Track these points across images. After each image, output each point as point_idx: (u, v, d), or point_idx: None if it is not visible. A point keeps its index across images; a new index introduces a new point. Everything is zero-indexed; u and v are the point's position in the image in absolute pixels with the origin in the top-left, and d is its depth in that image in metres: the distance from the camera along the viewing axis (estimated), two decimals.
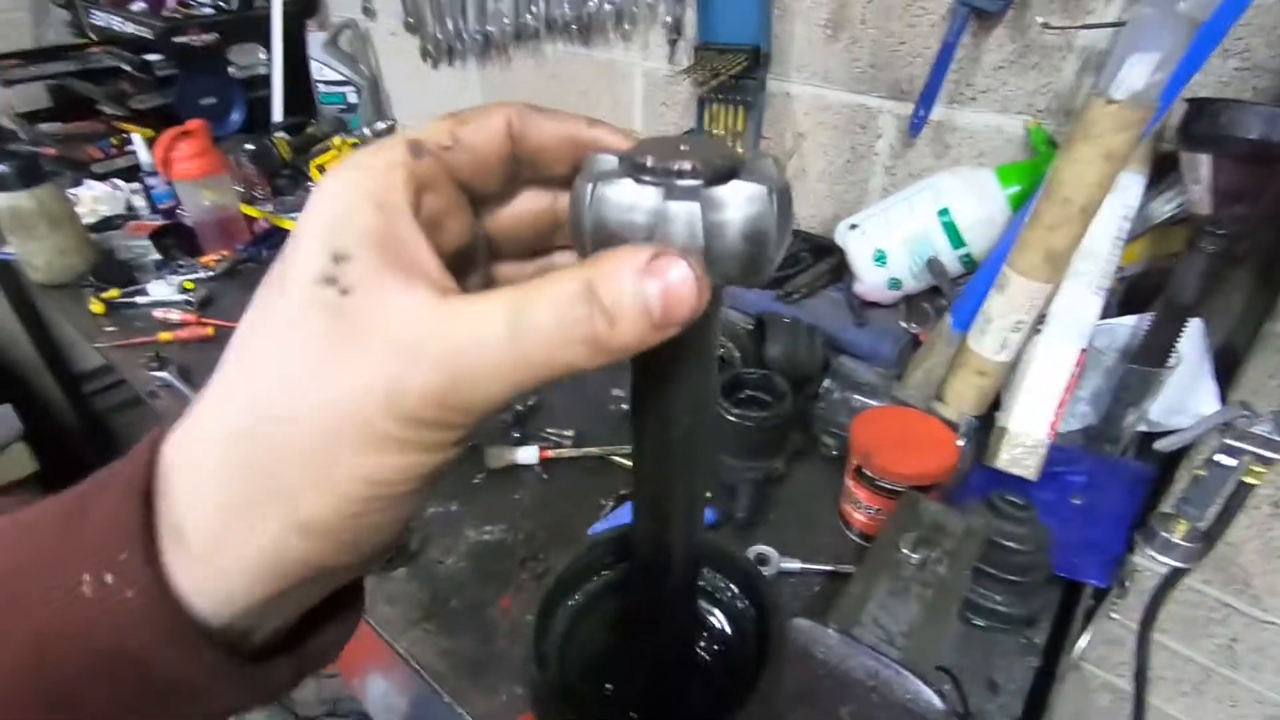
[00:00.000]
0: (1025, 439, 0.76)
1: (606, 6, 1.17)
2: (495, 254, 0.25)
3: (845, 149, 1.06)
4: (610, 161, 0.19)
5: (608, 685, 0.31)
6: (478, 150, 0.21)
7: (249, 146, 1.53)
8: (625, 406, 0.92)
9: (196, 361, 1.05)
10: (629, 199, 0.17)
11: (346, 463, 0.17)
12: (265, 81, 1.76)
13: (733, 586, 0.31)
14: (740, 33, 1.02)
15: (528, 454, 0.84)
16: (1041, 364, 0.78)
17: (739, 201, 0.17)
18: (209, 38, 1.65)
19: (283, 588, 0.18)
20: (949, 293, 0.89)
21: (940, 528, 0.58)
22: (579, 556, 0.30)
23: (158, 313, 1.15)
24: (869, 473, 0.70)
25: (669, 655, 0.29)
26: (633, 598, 0.27)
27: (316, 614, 0.22)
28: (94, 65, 1.65)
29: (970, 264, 0.90)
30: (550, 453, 0.84)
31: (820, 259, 1.04)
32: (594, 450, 0.85)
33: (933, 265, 0.90)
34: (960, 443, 0.79)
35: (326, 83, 1.78)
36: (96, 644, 0.17)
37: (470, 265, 0.24)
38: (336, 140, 1.58)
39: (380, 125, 1.74)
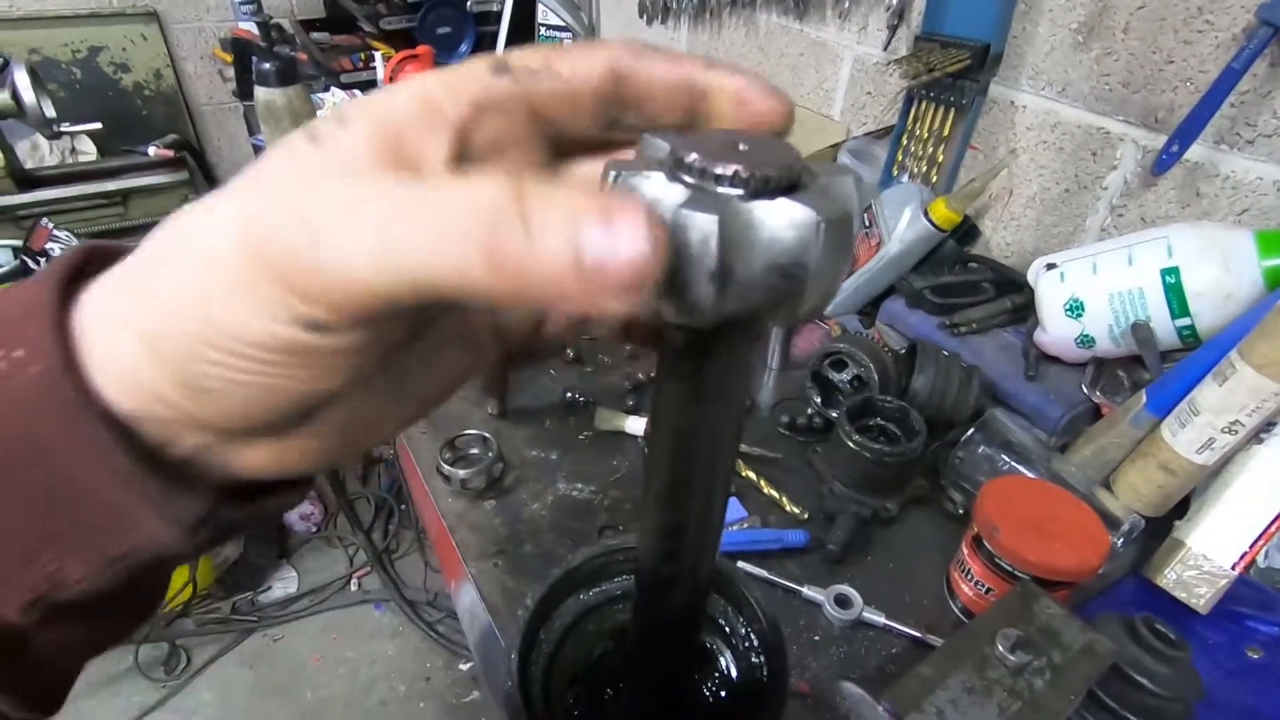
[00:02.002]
0: (1205, 563, 0.63)
1: None
2: None
3: (1067, 176, 0.92)
4: (659, 148, 0.16)
5: (606, 691, 0.30)
6: (568, 82, 0.18)
7: None
8: (747, 403, 0.89)
9: None
10: (652, 196, 0.15)
11: (202, 302, 0.16)
12: (496, 18, 1.87)
13: (752, 635, 0.28)
14: (971, 26, 0.91)
15: (636, 424, 0.83)
16: (1253, 480, 0.64)
17: (776, 225, 0.14)
18: None
19: (138, 408, 0.17)
20: (1153, 367, 0.75)
21: (1053, 635, 0.50)
22: (592, 555, 0.29)
23: None
24: (990, 547, 0.61)
25: (661, 683, 0.27)
26: (633, 613, 0.25)
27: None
28: None
29: (1190, 340, 0.75)
30: None
31: (1003, 294, 0.92)
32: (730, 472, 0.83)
33: (1139, 331, 0.76)
34: (1117, 542, 0.67)
35: (548, 26, 1.85)
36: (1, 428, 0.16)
37: None
38: None
39: None
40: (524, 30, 1.88)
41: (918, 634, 0.63)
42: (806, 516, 0.74)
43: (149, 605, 0.23)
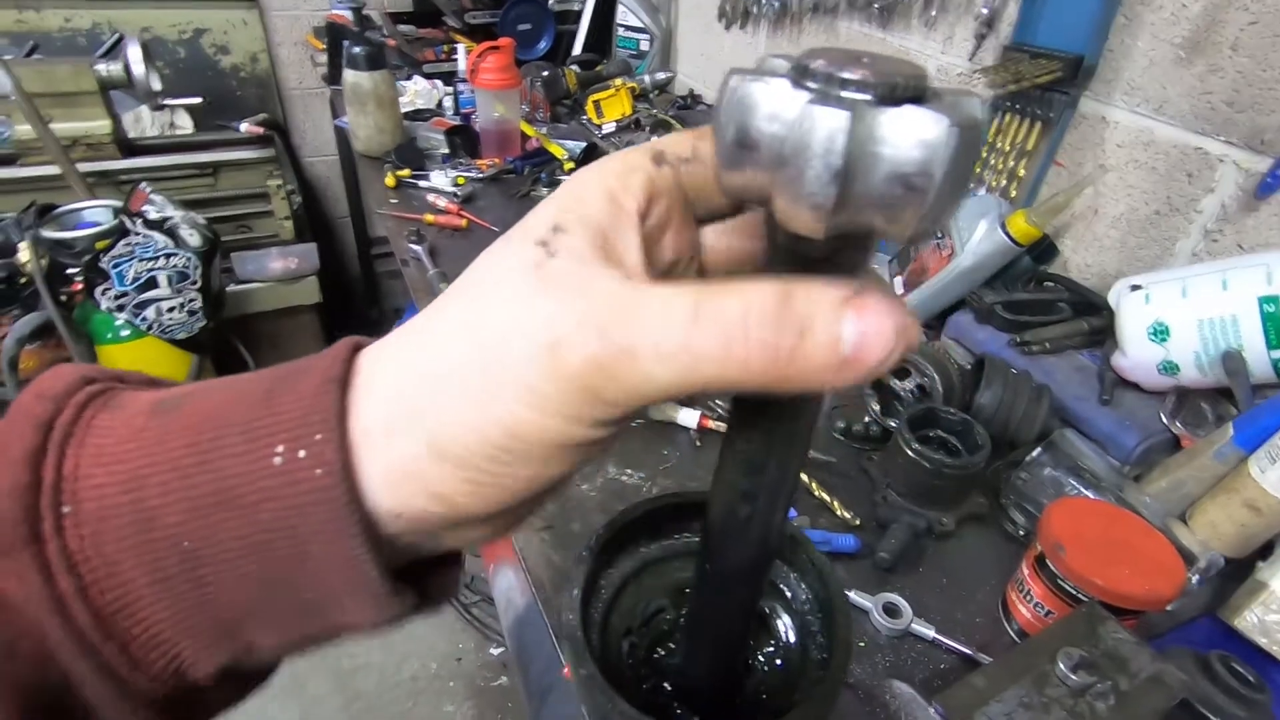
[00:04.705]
0: None
1: None
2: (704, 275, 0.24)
3: (1158, 197, 0.88)
4: (779, 64, 0.16)
5: (657, 650, 0.30)
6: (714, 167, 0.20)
7: (544, 72, 1.67)
8: None
9: (446, 246, 1.19)
10: (773, 103, 0.15)
11: (495, 407, 0.17)
12: (576, 17, 1.91)
13: (812, 604, 0.28)
14: (1065, 38, 0.88)
15: (688, 416, 0.83)
16: None
17: (906, 130, 0.14)
18: None
19: (407, 508, 0.18)
20: (1243, 399, 0.71)
21: (1119, 660, 0.47)
22: (656, 505, 0.29)
23: (430, 197, 1.32)
24: (1054, 567, 0.59)
25: (720, 641, 0.26)
26: (700, 560, 0.25)
27: (424, 565, 0.22)
28: None
29: None
30: (710, 422, 0.83)
31: (1080, 315, 0.89)
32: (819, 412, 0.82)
33: (1230, 361, 0.72)
34: (1193, 579, 0.64)
35: (626, 28, 1.88)
36: (262, 516, 0.18)
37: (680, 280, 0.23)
38: (618, 81, 1.67)
39: (661, 75, 1.81)
40: (602, 31, 1.91)
41: (969, 651, 0.61)
42: (858, 523, 0.72)
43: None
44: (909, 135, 0.14)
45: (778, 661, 0.29)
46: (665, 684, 0.29)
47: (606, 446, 0.19)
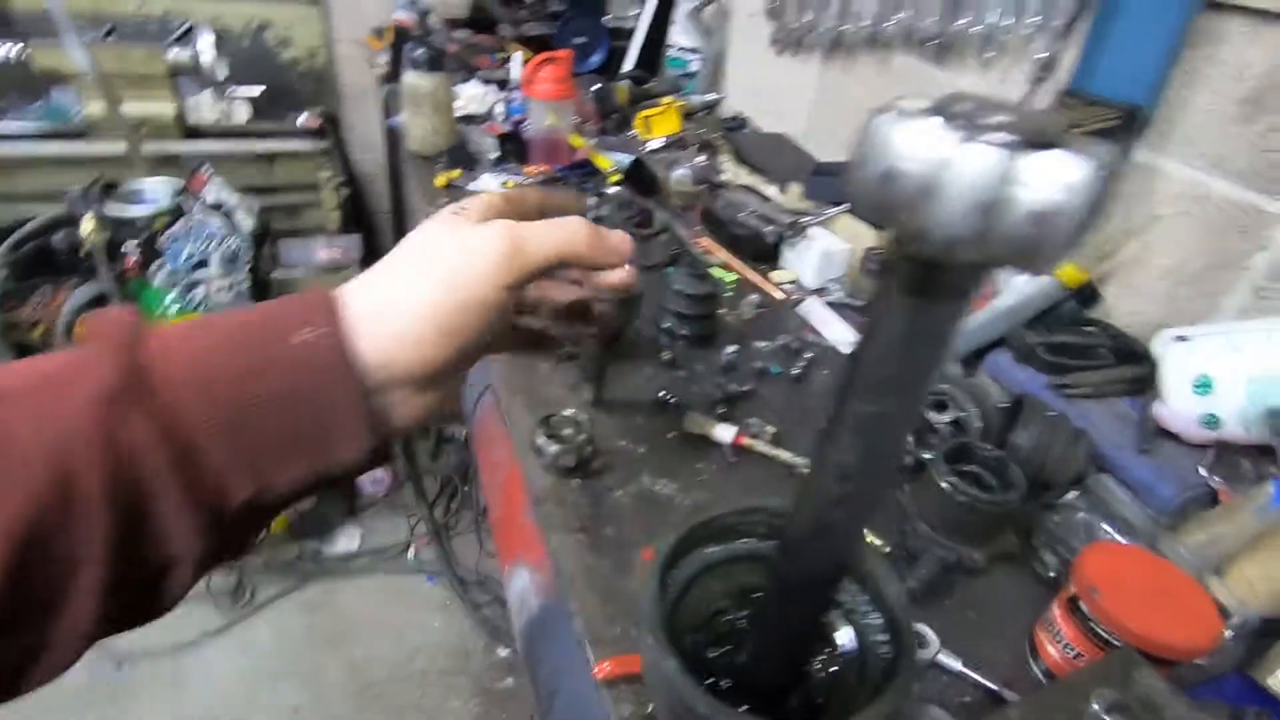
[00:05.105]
0: None
1: (977, 28, 1.09)
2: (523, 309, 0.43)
3: (1210, 251, 0.88)
4: (916, 104, 0.17)
5: (724, 646, 0.31)
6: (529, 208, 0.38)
7: (596, 86, 1.70)
8: None
9: None
10: (926, 139, 0.16)
11: (454, 284, 0.31)
12: (629, 34, 1.94)
13: (879, 623, 0.29)
14: (1124, 88, 0.89)
15: (724, 432, 0.84)
16: None
17: (1051, 172, 0.15)
18: None
19: (391, 359, 0.29)
20: None
21: (1155, 708, 0.47)
22: (727, 511, 0.30)
23: None
24: (1086, 610, 0.59)
25: (788, 645, 0.28)
26: (778, 562, 0.26)
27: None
28: None
29: None
30: (745, 440, 0.84)
31: (1124, 363, 0.89)
32: (785, 455, 0.83)
33: (1274, 419, 0.72)
34: (1227, 634, 0.63)
35: (679, 48, 1.91)
36: (292, 379, 0.27)
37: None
38: (666, 100, 1.70)
39: (709, 97, 1.83)
40: (654, 49, 1.94)
41: (995, 686, 0.61)
42: (888, 551, 0.73)
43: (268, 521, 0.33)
44: (1053, 177, 0.15)
45: (834, 668, 0.30)
46: (721, 682, 0.30)
47: (508, 309, 0.32)
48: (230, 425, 0.26)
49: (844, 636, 0.30)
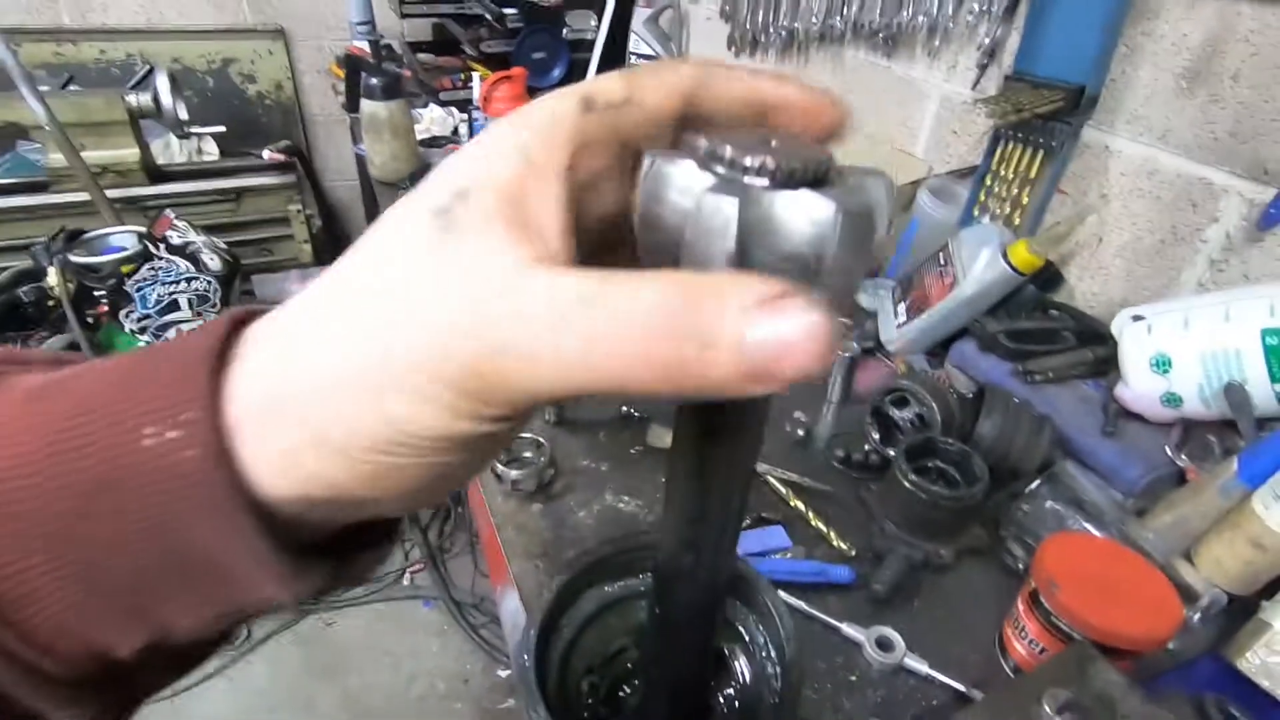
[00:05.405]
0: None
1: (921, 19, 1.09)
2: None
3: (1163, 227, 0.87)
4: (698, 144, 0.17)
5: (622, 688, 0.30)
6: (651, 109, 0.19)
7: None
8: (802, 432, 0.87)
9: None
10: (681, 183, 0.16)
11: (379, 402, 0.16)
12: (589, 45, 1.94)
13: (770, 645, 0.28)
14: (1066, 68, 0.88)
15: None
16: None
17: (795, 214, 0.15)
18: (556, 0, 1.86)
19: (300, 493, 0.18)
20: (1246, 433, 0.70)
21: (1108, 701, 0.47)
22: (620, 547, 0.29)
23: None
24: (1047, 604, 0.58)
25: (674, 682, 0.27)
26: (650, 605, 0.25)
27: (351, 535, 0.22)
28: (466, 11, 1.96)
29: None
30: None
31: (1085, 345, 0.88)
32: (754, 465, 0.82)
33: (1233, 393, 0.71)
34: (1193, 617, 0.63)
35: (639, 55, 1.91)
36: (142, 503, 0.17)
37: (625, 237, 0.21)
38: None
39: None
40: (615, 58, 1.94)
41: (962, 688, 0.60)
42: (854, 554, 0.72)
43: (232, 635, 0.24)
44: (799, 218, 0.15)
45: (736, 704, 0.29)
46: None
47: (507, 438, 0.18)
48: (65, 567, 0.18)
49: (742, 669, 0.29)
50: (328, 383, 0.17)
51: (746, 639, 0.29)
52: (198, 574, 0.19)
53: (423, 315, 0.16)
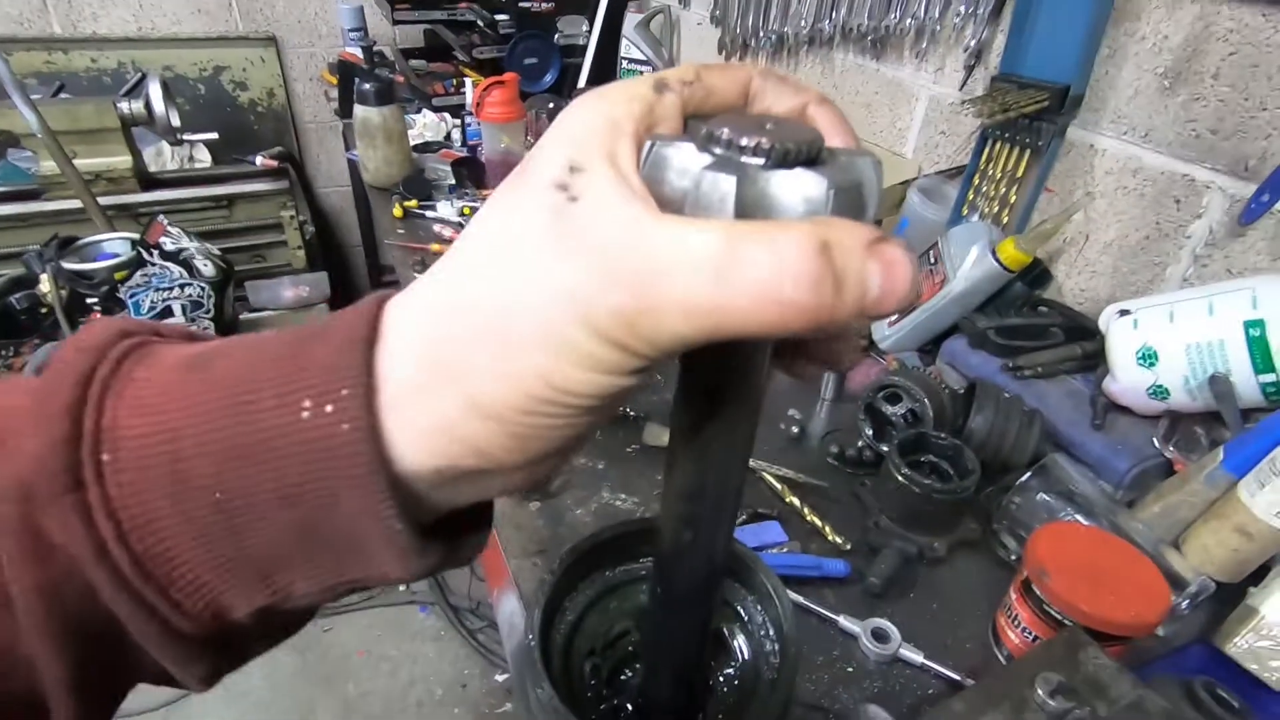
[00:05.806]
0: None
1: (908, 21, 1.10)
2: None
3: (1147, 223, 0.89)
4: (698, 125, 0.18)
5: (624, 671, 0.31)
6: (718, 92, 0.21)
7: (550, 105, 1.71)
8: (796, 430, 0.88)
9: None
10: (680, 165, 0.17)
11: (532, 359, 0.17)
12: (581, 51, 1.96)
13: (768, 624, 0.29)
14: (1051, 68, 0.90)
15: None
16: None
17: (788, 191, 0.15)
18: (548, 5, 1.87)
19: (446, 463, 0.19)
20: (1231, 423, 0.71)
21: (1099, 687, 0.47)
22: (621, 530, 0.30)
23: (436, 227, 1.35)
24: (1039, 593, 0.59)
25: (674, 661, 0.28)
26: (651, 584, 0.26)
27: (455, 519, 0.23)
28: (458, 18, 1.97)
29: (1274, 397, 0.71)
30: None
31: (1073, 340, 0.89)
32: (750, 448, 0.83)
33: (1217, 384, 0.72)
34: (1181, 604, 0.64)
35: (631, 60, 1.92)
36: (291, 469, 0.18)
37: None
38: None
39: None
40: (607, 63, 1.96)
41: (957, 677, 0.61)
42: (849, 548, 0.73)
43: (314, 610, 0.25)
44: (794, 195, 0.16)
45: (736, 682, 0.30)
46: (628, 704, 0.30)
47: (631, 394, 0.19)
48: (210, 526, 0.19)
49: (741, 648, 0.30)
50: (480, 347, 0.18)
51: (745, 618, 0.30)
52: (329, 544, 0.20)
53: (565, 273, 0.17)
